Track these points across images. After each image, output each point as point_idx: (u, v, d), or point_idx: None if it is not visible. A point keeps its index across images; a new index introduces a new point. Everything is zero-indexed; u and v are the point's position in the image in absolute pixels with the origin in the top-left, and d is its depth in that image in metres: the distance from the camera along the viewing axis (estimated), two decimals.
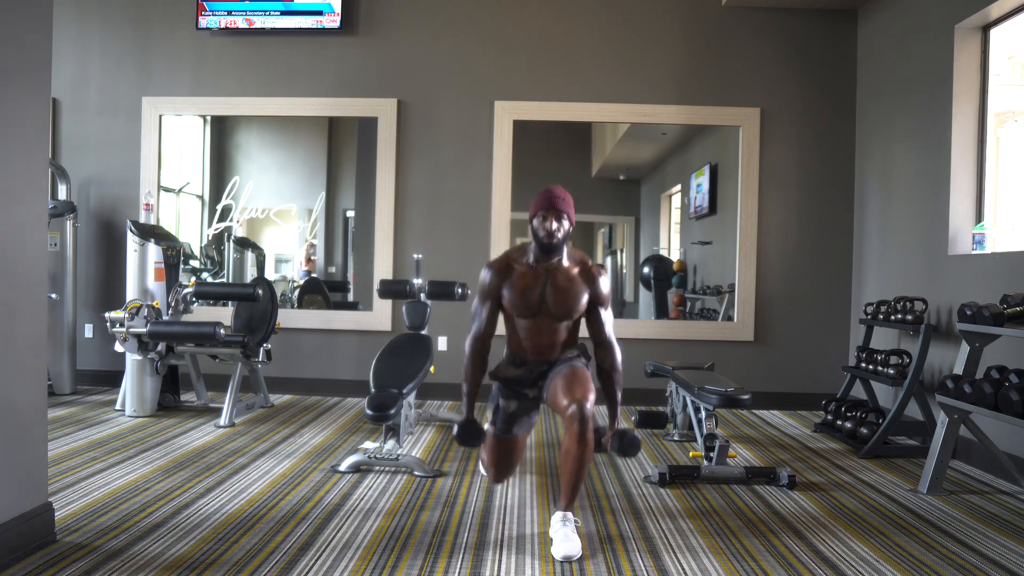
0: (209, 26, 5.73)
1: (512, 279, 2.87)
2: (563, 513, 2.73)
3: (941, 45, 4.46)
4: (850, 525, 3.00)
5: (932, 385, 4.35)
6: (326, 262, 6.24)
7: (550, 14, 5.75)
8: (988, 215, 4.33)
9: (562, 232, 2.80)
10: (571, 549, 2.59)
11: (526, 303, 2.86)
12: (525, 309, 2.88)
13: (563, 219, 2.80)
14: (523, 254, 2.91)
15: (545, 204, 2.81)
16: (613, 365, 2.91)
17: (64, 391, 5.44)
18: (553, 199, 2.81)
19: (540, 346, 2.94)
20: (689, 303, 6.16)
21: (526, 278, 2.86)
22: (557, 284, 2.85)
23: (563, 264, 2.87)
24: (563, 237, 2.82)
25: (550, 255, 2.83)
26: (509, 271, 2.89)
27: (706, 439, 3.64)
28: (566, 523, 2.70)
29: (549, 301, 2.86)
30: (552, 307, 2.87)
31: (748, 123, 5.65)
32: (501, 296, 2.90)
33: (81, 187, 5.85)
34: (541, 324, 2.90)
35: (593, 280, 2.89)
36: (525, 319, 2.91)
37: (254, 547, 2.60)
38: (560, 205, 2.80)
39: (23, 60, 2.51)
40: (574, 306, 2.87)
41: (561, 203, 2.81)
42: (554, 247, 2.81)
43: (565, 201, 2.83)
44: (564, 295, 2.85)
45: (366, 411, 3.48)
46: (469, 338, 2.95)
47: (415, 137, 5.76)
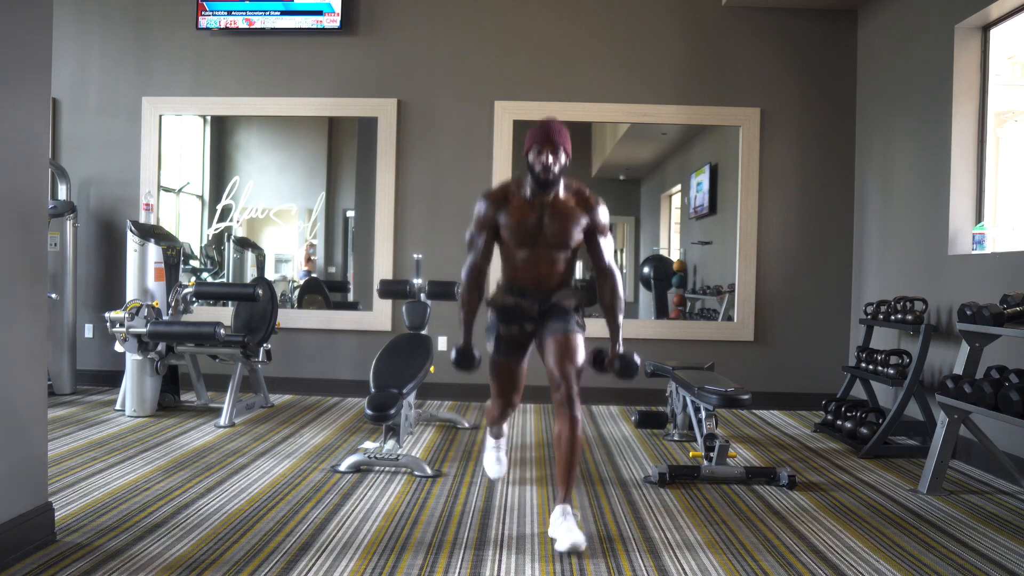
0: (209, 26, 5.73)
1: (508, 209, 2.86)
2: (563, 506, 2.74)
3: (941, 45, 4.46)
4: (850, 525, 3.00)
5: (932, 385, 4.35)
6: (326, 262, 6.25)
7: (550, 14, 5.75)
8: (988, 215, 4.33)
9: (558, 166, 2.79)
10: (576, 538, 2.61)
11: (523, 232, 2.85)
12: (522, 238, 2.86)
13: (560, 152, 2.78)
14: (520, 186, 2.89)
15: (541, 137, 2.78)
16: (614, 292, 2.93)
17: (64, 391, 5.44)
18: (550, 132, 2.78)
19: (537, 276, 2.92)
20: (689, 303, 6.16)
21: (523, 208, 2.85)
22: (554, 214, 2.84)
23: (560, 195, 2.86)
24: (559, 171, 2.80)
25: (547, 189, 2.82)
26: (505, 201, 2.88)
27: (706, 439, 3.64)
28: (566, 516, 2.71)
29: (546, 231, 2.85)
30: (549, 236, 2.85)
31: (748, 123, 5.65)
32: (497, 225, 2.89)
33: (81, 187, 5.85)
34: (539, 254, 2.89)
35: (591, 208, 2.89)
36: (522, 249, 2.89)
37: (254, 547, 2.60)
38: (557, 138, 2.78)
39: (23, 60, 2.51)
40: (571, 235, 2.86)
41: (558, 136, 2.79)
42: (551, 181, 2.80)
43: (562, 134, 2.80)
44: (562, 224, 2.84)
45: (366, 411, 3.48)
46: (465, 267, 2.98)
47: (415, 137, 5.76)
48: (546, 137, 2.78)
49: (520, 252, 2.90)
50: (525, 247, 2.88)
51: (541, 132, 2.80)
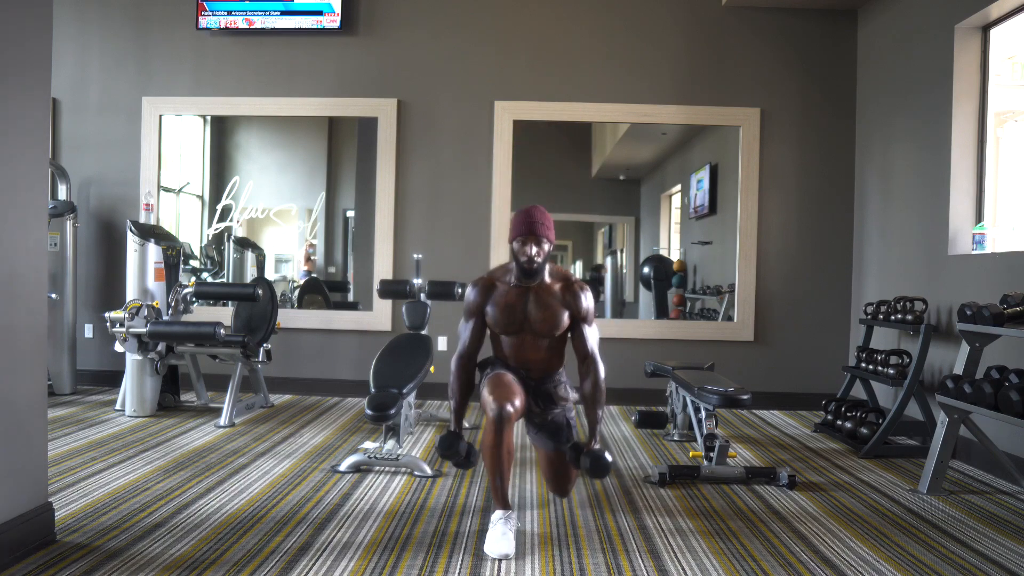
0: (209, 26, 5.73)
1: (495, 296, 2.96)
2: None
3: (941, 45, 4.46)
4: (850, 525, 3.00)
5: (932, 385, 4.35)
6: (326, 262, 6.24)
7: (550, 14, 5.75)
8: (988, 215, 4.33)
9: (542, 256, 2.88)
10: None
11: (509, 320, 2.94)
12: (508, 326, 2.96)
13: (543, 243, 2.87)
14: (506, 272, 3.00)
15: (524, 229, 2.86)
16: (595, 382, 2.96)
17: (64, 391, 5.44)
18: (533, 224, 2.86)
19: (525, 361, 3.03)
20: (689, 303, 6.16)
21: (509, 296, 2.94)
22: (539, 302, 2.94)
23: (545, 281, 2.95)
24: (543, 260, 2.90)
25: (531, 277, 2.91)
26: (492, 289, 2.97)
27: (706, 439, 3.64)
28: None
29: (532, 318, 2.94)
30: (534, 324, 2.95)
31: (748, 123, 5.65)
32: (485, 314, 2.97)
33: (81, 187, 5.85)
34: (524, 340, 2.99)
35: (575, 296, 2.96)
36: (508, 336, 2.99)
37: (254, 547, 2.60)
38: (539, 231, 2.85)
39: (23, 60, 2.51)
40: (556, 323, 2.95)
41: (540, 228, 2.86)
42: (535, 271, 2.89)
43: (544, 225, 2.88)
44: (546, 312, 2.93)
45: (366, 411, 3.48)
46: (455, 356, 3.02)
47: (415, 137, 5.76)
48: (529, 229, 2.85)
49: (507, 339, 3.01)
50: (511, 334, 2.99)
51: (524, 224, 2.86)
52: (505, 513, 2.72)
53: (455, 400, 2.99)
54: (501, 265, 3.11)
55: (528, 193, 5.75)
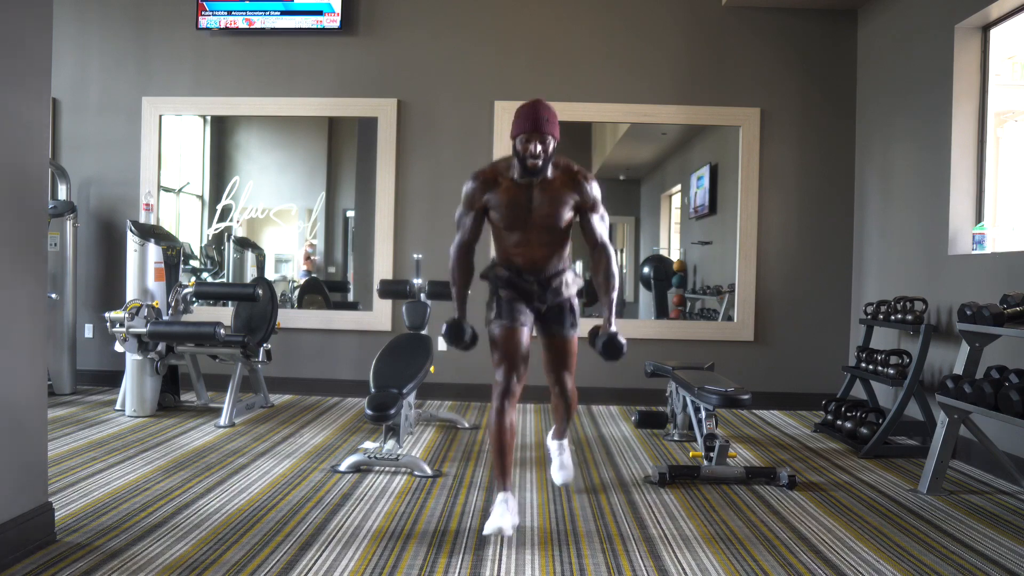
0: (209, 26, 5.73)
1: (498, 192, 2.82)
2: (559, 441, 3.38)
3: (941, 45, 4.46)
4: (850, 525, 3.00)
5: (932, 385, 4.35)
6: (326, 262, 6.24)
7: (550, 14, 5.75)
8: (988, 215, 4.33)
9: (547, 153, 2.73)
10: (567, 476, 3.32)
11: (513, 216, 2.83)
12: (512, 222, 2.84)
13: (548, 140, 2.72)
14: (509, 167, 2.85)
15: (528, 126, 2.70)
16: (608, 269, 2.93)
17: (64, 391, 5.44)
18: (538, 121, 2.70)
19: (531, 258, 2.92)
20: (689, 303, 6.16)
21: (512, 191, 2.82)
22: (543, 196, 2.80)
23: (548, 176, 2.81)
24: (548, 157, 2.75)
25: (535, 175, 2.77)
26: (494, 183, 2.84)
27: (706, 439, 3.64)
28: (563, 450, 3.36)
29: (536, 213, 2.82)
30: (539, 219, 2.83)
31: (748, 123, 5.65)
32: (485, 206, 2.87)
33: (81, 187, 5.85)
34: (530, 236, 2.87)
35: (580, 186, 2.85)
36: (513, 232, 2.87)
37: (254, 547, 2.60)
38: (544, 127, 2.70)
39: (23, 60, 2.51)
40: (562, 216, 2.83)
41: (546, 124, 2.71)
42: (539, 169, 2.75)
43: (549, 121, 2.72)
44: (551, 205, 2.81)
45: (366, 411, 3.48)
46: (454, 246, 2.95)
47: (415, 137, 5.76)
48: (534, 126, 2.70)
49: (511, 235, 2.89)
50: (516, 230, 2.87)
51: (529, 119, 2.71)
52: (505, 495, 2.77)
53: (456, 288, 2.96)
54: (503, 158, 2.95)
55: None
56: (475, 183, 2.88)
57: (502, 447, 2.81)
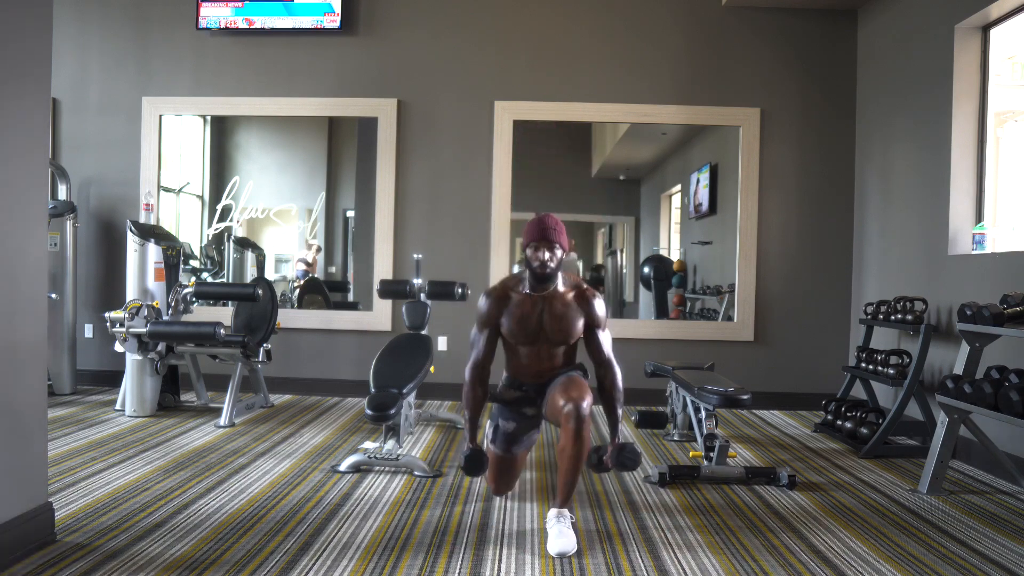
0: (209, 26, 5.73)
1: (510, 307, 2.97)
2: (558, 510, 2.75)
3: (941, 45, 4.46)
4: (850, 525, 3.00)
5: (932, 385, 4.35)
6: (326, 262, 6.24)
7: (550, 14, 5.75)
8: (988, 215, 4.33)
9: (555, 261, 2.89)
10: (566, 545, 2.61)
11: (524, 331, 2.96)
12: (524, 336, 2.97)
13: (555, 249, 2.88)
14: (519, 282, 3.00)
15: (537, 235, 2.88)
16: (613, 383, 2.99)
17: (64, 391, 5.44)
18: (545, 230, 2.88)
19: (540, 371, 3.05)
20: (689, 303, 6.16)
21: (523, 306, 2.95)
22: (553, 311, 2.95)
23: (559, 290, 2.97)
24: (556, 266, 2.91)
25: (545, 284, 2.93)
26: (506, 299, 2.98)
27: (706, 439, 3.64)
28: (561, 519, 2.71)
29: (547, 327, 2.96)
30: (550, 333, 2.97)
31: (748, 123, 5.64)
32: (499, 324, 2.99)
33: (81, 187, 5.85)
34: (540, 350, 3.01)
35: (588, 303, 2.99)
36: (524, 346, 3.01)
37: (254, 547, 2.60)
38: (552, 236, 2.87)
39: (23, 60, 2.51)
40: (571, 331, 2.98)
41: (553, 234, 2.88)
42: (548, 276, 2.91)
43: (557, 231, 2.90)
44: (561, 321, 2.95)
45: (366, 411, 3.48)
46: (468, 366, 3.04)
47: (415, 137, 5.76)
48: (541, 235, 2.87)
49: (522, 349, 3.03)
50: (527, 344, 3.00)
51: (537, 230, 2.89)
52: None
53: (469, 410, 3.02)
54: (512, 275, 3.13)
55: (528, 193, 5.76)
56: (488, 300, 3.00)
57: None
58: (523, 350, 3.02)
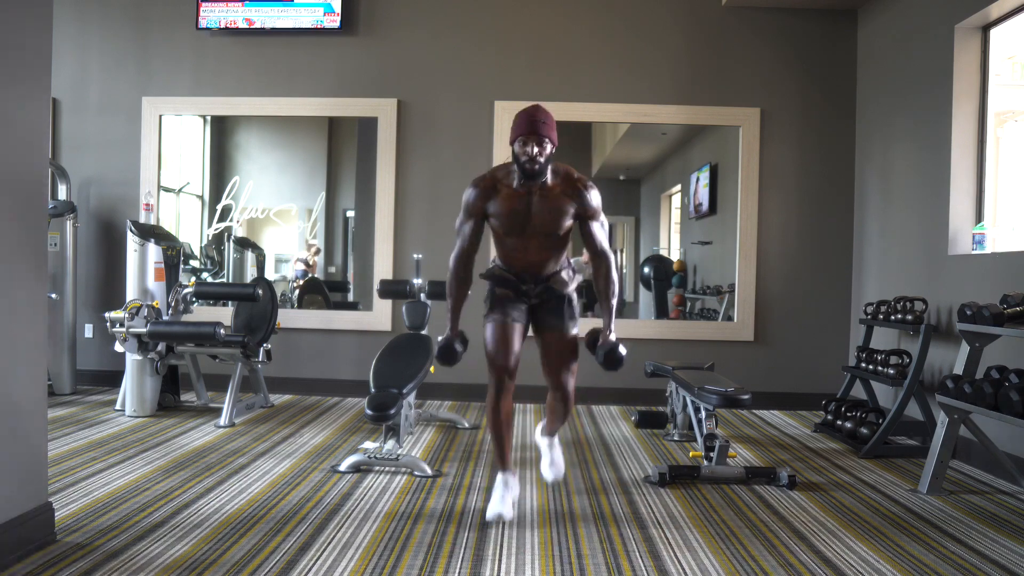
0: (209, 26, 5.73)
1: (497, 199, 2.88)
2: (550, 438, 3.28)
3: (941, 45, 4.46)
4: (850, 525, 3.00)
5: (932, 385, 4.35)
6: (326, 262, 6.24)
7: (550, 14, 5.75)
8: (988, 215, 4.33)
9: (544, 156, 2.79)
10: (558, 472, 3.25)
11: (513, 223, 2.87)
12: (511, 227, 2.89)
13: (545, 143, 2.78)
14: (508, 174, 2.90)
15: (526, 128, 2.77)
16: (608, 276, 2.98)
17: (64, 391, 5.44)
18: (535, 124, 2.77)
19: (529, 263, 2.96)
20: (689, 303, 6.16)
21: (511, 199, 2.86)
22: (543, 202, 2.86)
23: (548, 183, 2.86)
24: (545, 161, 2.80)
25: (534, 179, 2.82)
26: (494, 191, 2.89)
27: (706, 439, 3.64)
28: (554, 447, 3.27)
29: (535, 219, 2.87)
30: (538, 225, 2.88)
31: (748, 123, 5.64)
32: (486, 214, 2.91)
33: (81, 187, 5.85)
34: (529, 242, 2.92)
35: (579, 194, 2.90)
36: (512, 237, 2.92)
37: (254, 547, 2.60)
38: (542, 129, 2.77)
39: (23, 60, 2.51)
40: (561, 222, 2.88)
41: (543, 127, 2.77)
42: (537, 172, 2.80)
43: (547, 124, 2.79)
44: (551, 213, 2.87)
45: (366, 411, 3.48)
46: (453, 255, 2.98)
47: (415, 137, 5.76)
48: (531, 128, 2.76)
49: (510, 240, 2.93)
50: (515, 236, 2.91)
51: (526, 123, 2.78)
52: (504, 476, 2.98)
53: (452, 299, 2.98)
54: (502, 164, 3.01)
55: None
56: (475, 190, 2.91)
57: (499, 434, 2.98)
58: (511, 241, 2.93)
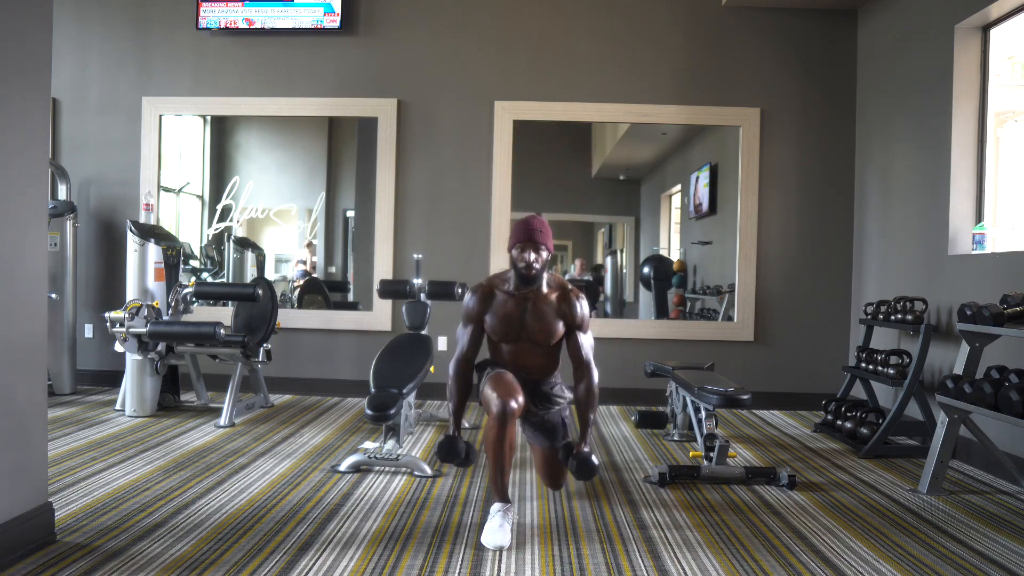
0: (209, 26, 5.73)
1: (494, 305, 3.04)
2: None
3: (941, 45, 4.46)
4: (850, 525, 3.00)
5: (932, 385, 4.35)
6: (326, 262, 6.24)
7: (550, 14, 5.75)
8: (988, 215, 4.33)
9: (540, 263, 2.96)
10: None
11: (507, 329, 3.03)
12: (506, 334, 3.04)
13: (541, 250, 2.96)
14: (504, 281, 3.07)
15: (523, 236, 2.95)
16: (589, 387, 3.05)
17: (64, 391, 5.44)
18: (531, 232, 2.95)
19: (522, 367, 3.10)
20: (689, 303, 6.16)
21: (507, 305, 3.02)
22: (537, 311, 3.02)
23: (543, 291, 3.03)
24: (541, 267, 2.98)
25: (529, 284, 3.02)
26: (491, 297, 3.05)
27: (706, 439, 3.64)
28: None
29: (529, 327, 3.02)
30: (532, 333, 3.03)
31: (748, 123, 5.64)
32: (484, 321, 3.06)
33: (81, 187, 5.85)
34: (522, 348, 3.08)
35: (571, 305, 3.05)
36: (507, 343, 3.07)
37: (254, 547, 2.60)
38: (538, 238, 2.95)
39: (23, 60, 2.51)
40: (553, 331, 3.04)
41: (539, 235, 2.95)
42: (533, 277, 2.98)
43: (543, 233, 2.97)
44: (543, 321, 3.02)
45: (366, 411, 3.48)
46: (453, 360, 3.10)
47: (415, 137, 5.76)
48: (528, 236, 2.94)
49: (505, 347, 3.09)
50: (509, 342, 3.07)
51: (523, 231, 2.96)
52: (504, 506, 2.81)
53: (453, 402, 3.07)
54: (499, 273, 3.18)
55: (528, 193, 5.76)
56: (474, 297, 3.07)
57: (502, 466, 2.83)
58: (506, 347, 3.09)
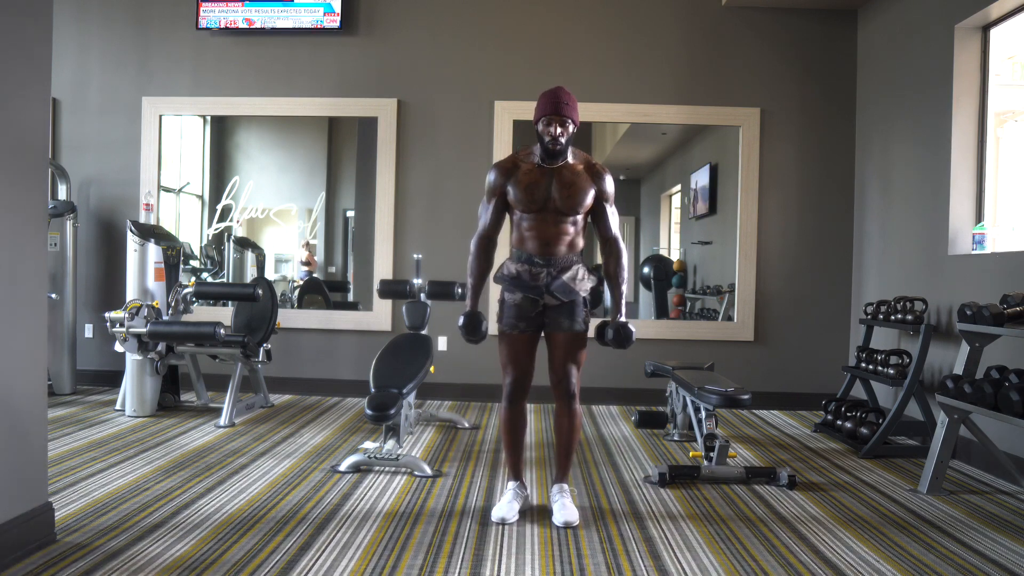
0: (209, 26, 5.73)
1: (517, 176, 2.96)
2: (559, 484, 3.03)
3: (941, 45, 4.46)
4: (850, 525, 3.00)
5: (932, 385, 4.35)
6: (326, 262, 6.24)
7: (550, 14, 5.75)
8: (988, 215, 4.33)
9: (566, 136, 2.90)
10: (569, 516, 2.87)
11: (532, 198, 2.94)
12: (531, 203, 2.95)
13: (567, 124, 2.89)
14: (529, 154, 3.01)
15: (549, 109, 2.87)
16: (618, 260, 3.06)
17: (64, 391, 5.44)
18: (558, 104, 2.87)
19: (545, 241, 2.97)
20: (689, 303, 6.16)
21: (532, 175, 2.96)
22: (563, 180, 2.94)
23: (569, 162, 2.97)
24: (567, 141, 2.91)
25: (555, 158, 2.94)
26: (514, 169, 2.99)
27: (706, 439, 3.64)
28: (563, 494, 2.99)
29: (555, 196, 2.94)
30: (559, 202, 2.94)
31: (748, 123, 5.64)
32: (506, 194, 3.00)
33: (81, 187, 5.85)
34: (547, 219, 2.96)
35: (599, 176, 3.01)
36: (531, 214, 2.97)
37: (254, 547, 2.60)
38: (564, 111, 2.87)
39: (23, 61, 2.51)
40: (581, 200, 2.95)
41: (565, 108, 2.88)
42: (559, 152, 2.91)
43: (570, 105, 2.89)
44: (570, 190, 2.94)
45: (366, 411, 3.48)
46: (475, 237, 3.08)
47: (415, 137, 5.76)
48: (555, 109, 2.86)
49: (528, 218, 2.99)
50: (534, 212, 2.97)
51: (550, 103, 2.88)
52: (516, 484, 3.02)
53: (473, 278, 3.07)
54: (524, 147, 3.10)
55: None
56: (496, 171, 3.02)
57: (514, 440, 3.07)
58: (530, 219, 2.97)
